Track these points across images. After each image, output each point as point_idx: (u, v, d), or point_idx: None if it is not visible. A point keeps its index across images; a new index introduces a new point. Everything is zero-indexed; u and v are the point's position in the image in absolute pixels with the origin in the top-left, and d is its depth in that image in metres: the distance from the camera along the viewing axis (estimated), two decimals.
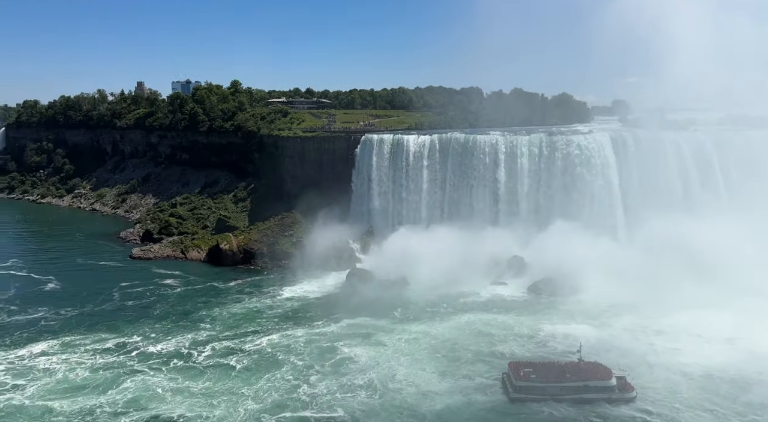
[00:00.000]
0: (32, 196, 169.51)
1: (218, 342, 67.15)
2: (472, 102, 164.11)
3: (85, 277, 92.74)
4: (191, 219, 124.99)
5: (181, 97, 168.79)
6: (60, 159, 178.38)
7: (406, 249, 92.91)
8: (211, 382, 57.57)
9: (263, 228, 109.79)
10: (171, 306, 79.42)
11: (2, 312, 75.28)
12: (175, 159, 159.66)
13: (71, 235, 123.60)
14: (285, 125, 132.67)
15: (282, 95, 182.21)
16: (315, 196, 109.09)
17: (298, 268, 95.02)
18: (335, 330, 71.21)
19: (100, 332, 69.24)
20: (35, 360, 61.47)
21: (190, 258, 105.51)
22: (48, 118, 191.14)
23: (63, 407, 52.30)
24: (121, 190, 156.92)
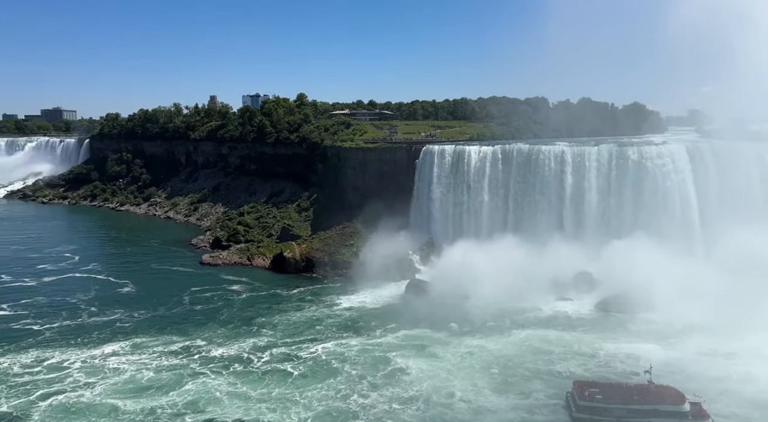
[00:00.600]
0: (112, 203, 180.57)
1: (277, 348, 68.51)
2: (538, 112, 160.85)
3: (159, 282, 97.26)
4: (257, 227, 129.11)
5: (251, 110, 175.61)
6: (138, 169, 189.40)
7: (467, 261, 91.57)
8: (268, 388, 58.72)
9: (325, 238, 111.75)
10: (236, 311, 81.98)
11: (83, 313, 80.00)
12: (244, 169, 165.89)
13: (147, 241, 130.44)
14: (347, 136, 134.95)
15: (345, 107, 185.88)
16: (376, 206, 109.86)
17: (358, 278, 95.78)
18: (391, 340, 71.06)
19: (168, 334, 72.31)
20: (107, 359, 64.76)
21: (256, 265, 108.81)
22: (128, 130, 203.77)
23: (127, 406, 54.72)
24: (193, 199, 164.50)
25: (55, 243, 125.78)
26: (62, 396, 55.85)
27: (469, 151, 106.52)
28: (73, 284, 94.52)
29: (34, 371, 61.07)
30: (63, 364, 63.03)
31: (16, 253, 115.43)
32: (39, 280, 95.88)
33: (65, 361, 63.71)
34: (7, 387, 57.23)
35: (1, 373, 60.03)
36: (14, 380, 58.66)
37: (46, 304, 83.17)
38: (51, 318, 76.86)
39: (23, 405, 53.95)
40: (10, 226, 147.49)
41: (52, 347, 67.70)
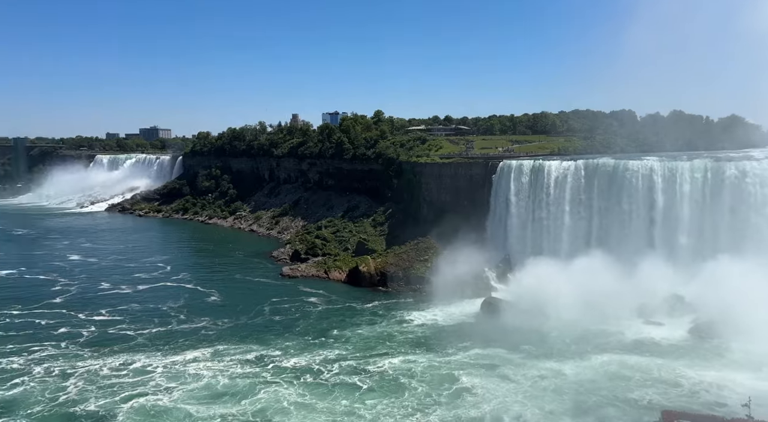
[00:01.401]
0: (201, 216, 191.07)
1: (347, 361, 68.83)
2: (624, 125, 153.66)
3: (242, 292, 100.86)
4: (334, 241, 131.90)
5: (330, 127, 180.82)
6: (225, 184, 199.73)
7: (546, 279, 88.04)
8: (336, 401, 58.98)
9: (399, 252, 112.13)
10: (311, 323, 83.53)
11: (173, 320, 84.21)
12: (322, 185, 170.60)
13: (232, 253, 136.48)
14: (423, 152, 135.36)
15: (421, 123, 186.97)
16: (451, 221, 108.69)
17: (432, 294, 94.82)
18: (460, 359, 69.55)
19: (248, 343, 74.60)
20: (187, 365, 67.43)
21: (332, 278, 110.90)
22: (217, 147, 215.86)
23: (200, 412, 56.49)
24: (275, 213, 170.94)
25: (149, 253, 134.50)
26: (143, 399, 58.71)
27: (549, 165, 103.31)
28: (164, 292, 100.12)
29: (121, 374, 64.80)
30: (147, 368, 66.42)
31: (115, 262, 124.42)
32: (134, 288, 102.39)
33: (149, 365, 67.12)
34: (97, 387, 61.08)
35: (93, 374, 64.18)
36: (103, 381, 62.50)
37: (140, 311, 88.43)
38: (143, 324, 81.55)
39: (108, 406, 57.29)
40: (110, 237, 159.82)
41: (140, 351, 71.70)
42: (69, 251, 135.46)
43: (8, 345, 72.49)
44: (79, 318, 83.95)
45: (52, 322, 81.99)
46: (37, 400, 57.91)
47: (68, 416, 55.42)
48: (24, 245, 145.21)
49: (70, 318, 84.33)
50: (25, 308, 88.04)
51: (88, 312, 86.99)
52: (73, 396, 59.01)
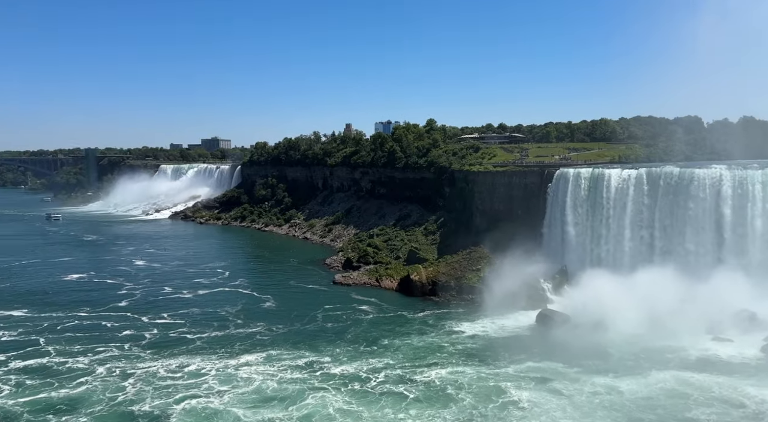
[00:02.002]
0: (258, 224, 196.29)
1: (395, 370, 68.41)
2: (690, 132, 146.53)
3: (296, 298, 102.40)
4: (385, 249, 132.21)
5: (382, 137, 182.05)
6: (281, 192, 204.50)
7: (606, 292, 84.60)
8: (382, 410, 58.62)
9: (451, 262, 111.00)
10: (362, 331, 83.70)
11: (230, 324, 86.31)
12: (374, 193, 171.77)
13: (286, 260, 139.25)
14: (476, 160, 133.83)
15: (474, 131, 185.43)
16: (504, 231, 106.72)
17: (484, 304, 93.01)
18: (510, 371, 67.86)
19: (300, 349, 75.47)
20: (239, 369, 68.75)
21: (384, 286, 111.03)
22: (273, 157, 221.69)
23: (247, 416, 57.36)
24: (328, 221, 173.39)
25: (209, 259, 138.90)
26: (195, 401, 60.18)
27: (609, 174, 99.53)
28: (222, 297, 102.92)
29: (176, 376, 66.78)
30: (202, 371, 68.20)
31: (177, 268, 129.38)
32: (195, 293, 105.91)
33: (204, 368, 68.89)
34: (153, 388, 63.17)
35: (150, 376, 66.49)
36: (159, 383, 64.58)
37: (200, 315, 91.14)
38: (202, 328, 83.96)
39: (162, 406, 59.13)
40: (173, 244, 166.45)
41: (197, 354, 73.79)
42: (134, 256, 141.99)
43: (76, 345, 76.43)
44: (143, 321, 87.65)
45: (117, 325, 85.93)
46: (98, 399, 60.57)
47: (125, 415, 57.60)
48: (93, 251, 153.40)
49: (134, 321, 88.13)
50: (93, 310, 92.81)
51: (151, 315, 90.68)
52: (130, 396, 61.39)
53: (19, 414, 56.72)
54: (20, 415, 56.59)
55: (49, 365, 69.63)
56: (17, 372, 67.22)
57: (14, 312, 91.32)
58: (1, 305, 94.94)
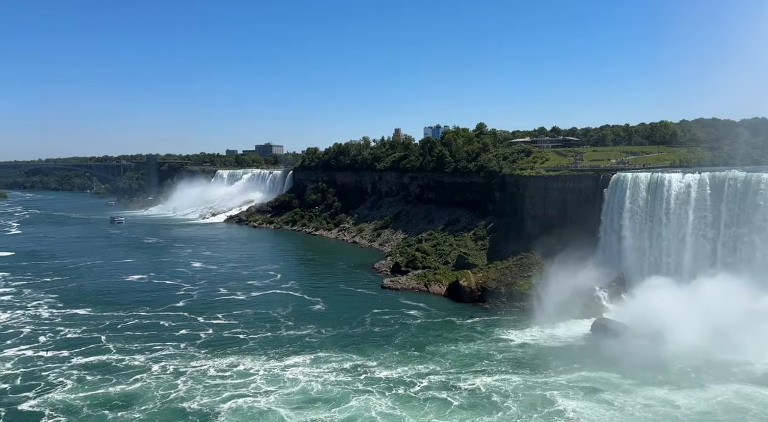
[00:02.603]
0: (309, 228, 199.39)
1: (441, 376, 67.64)
2: (757, 135, 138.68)
3: (345, 302, 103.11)
4: (434, 254, 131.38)
5: (431, 141, 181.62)
6: (331, 197, 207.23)
7: (666, 301, 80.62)
8: (425, 416, 58.09)
9: (501, 268, 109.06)
10: (410, 335, 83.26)
11: (281, 326, 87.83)
12: (423, 198, 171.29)
13: (336, 264, 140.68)
14: (527, 164, 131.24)
15: (526, 135, 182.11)
16: (556, 237, 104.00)
17: (536, 312, 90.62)
18: (560, 381, 65.82)
19: (348, 352, 75.83)
20: (287, 370, 69.77)
21: (432, 291, 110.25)
22: (324, 162, 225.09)
23: (291, 417, 58.11)
24: (376, 226, 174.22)
25: (261, 262, 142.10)
26: (242, 401, 61.41)
27: (669, 178, 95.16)
28: (274, 299, 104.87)
29: (225, 375, 68.40)
30: (250, 371, 69.59)
31: (231, 270, 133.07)
32: (248, 294, 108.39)
33: (252, 368, 70.28)
34: (203, 387, 64.95)
35: (201, 375, 68.36)
36: (209, 381, 66.33)
37: (252, 316, 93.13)
38: (255, 329, 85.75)
39: (211, 404, 60.65)
40: (227, 247, 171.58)
41: (248, 355, 75.32)
42: (192, 259, 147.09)
43: (134, 343, 79.65)
44: (199, 321, 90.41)
45: (175, 324, 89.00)
46: (152, 396, 62.75)
47: (176, 412, 59.41)
48: (153, 253, 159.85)
49: (191, 321, 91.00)
50: (152, 310, 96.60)
51: (206, 315, 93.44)
52: (181, 394, 63.30)
53: (79, 408, 59.55)
54: (80, 409, 59.39)
55: (108, 362, 72.89)
56: (79, 367, 70.70)
57: (79, 310, 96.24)
58: (68, 304, 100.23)
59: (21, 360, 72.66)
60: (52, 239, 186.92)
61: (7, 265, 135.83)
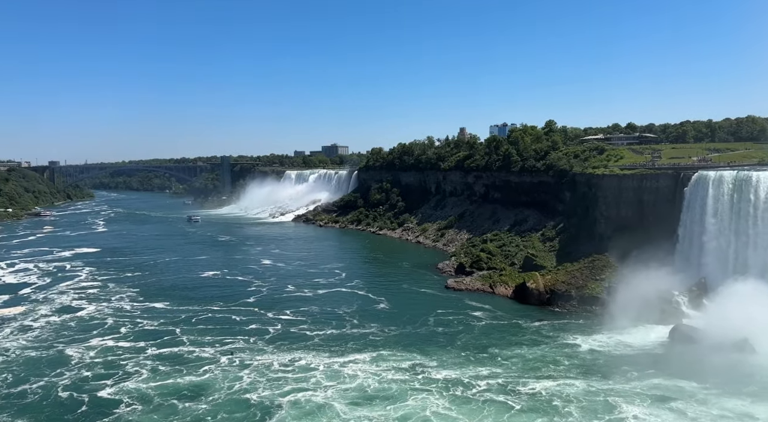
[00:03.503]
0: (373, 227, 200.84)
1: (502, 379, 66.23)
2: None
3: (409, 301, 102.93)
4: (500, 255, 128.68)
5: (497, 140, 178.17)
6: (395, 197, 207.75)
7: (754, 307, 74.82)
8: (480, 418, 56.99)
9: (571, 270, 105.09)
10: (473, 337, 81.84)
11: (347, 324, 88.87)
12: (488, 198, 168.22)
13: (399, 263, 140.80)
14: (600, 163, 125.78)
15: (599, 132, 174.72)
16: (631, 238, 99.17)
17: (608, 317, 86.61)
18: (627, 387, 63.03)
19: (410, 352, 75.55)
20: (346, 366, 70.40)
21: (497, 293, 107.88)
22: (388, 162, 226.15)
23: (345, 412, 58.68)
24: (440, 225, 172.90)
25: (327, 260, 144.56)
26: (301, 394, 62.72)
27: (757, 176, 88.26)
28: (339, 297, 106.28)
29: (287, 369, 69.95)
30: (311, 365, 70.90)
31: (299, 268, 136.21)
32: (314, 292, 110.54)
33: (313, 363, 71.59)
34: (266, 380, 66.75)
35: (265, 368, 70.21)
36: (272, 375, 68.07)
37: (319, 313, 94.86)
38: (321, 326, 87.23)
39: (272, 397, 62.26)
40: (295, 245, 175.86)
41: (312, 350, 76.69)
42: (262, 256, 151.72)
43: (207, 336, 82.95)
44: (268, 317, 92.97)
45: (245, 319, 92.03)
46: (219, 387, 65.09)
47: (238, 403, 61.29)
48: (226, 250, 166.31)
49: (261, 316, 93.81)
50: (224, 305, 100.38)
51: (275, 311, 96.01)
52: (245, 386, 65.29)
53: (151, 397, 62.59)
54: (152, 398, 62.42)
55: (180, 353, 76.29)
56: (154, 358, 74.47)
57: (157, 304, 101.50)
58: (148, 298, 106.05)
59: (103, 350, 77.48)
60: (134, 236, 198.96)
61: (93, 261, 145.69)
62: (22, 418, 57.32)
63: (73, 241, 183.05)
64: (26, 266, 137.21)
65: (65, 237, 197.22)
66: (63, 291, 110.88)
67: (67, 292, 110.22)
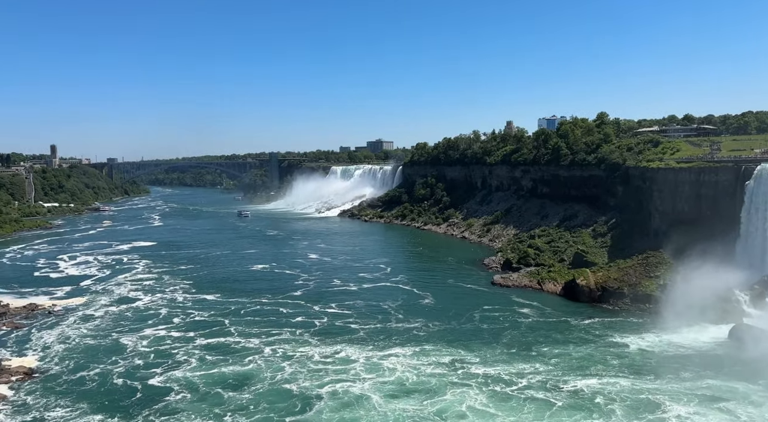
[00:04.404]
0: (417, 222, 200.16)
1: (542, 376, 64.96)
2: None
3: (454, 297, 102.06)
4: (548, 251, 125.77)
5: (546, 133, 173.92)
6: (440, 192, 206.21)
7: None
8: (517, 415, 56.19)
9: (624, 267, 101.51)
10: (519, 334, 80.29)
11: (391, 318, 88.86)
12: (536, 192, 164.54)
13: (444, 259, 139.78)
14: (655, 155, 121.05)
15: (653, 123, 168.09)
16: (688, 234, 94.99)
17: (663, 315, 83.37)
18: (676, 387, 60.92)
19: (453, 347, 74.85)
20: (386, 360, 70.44)
21: (546, 290, 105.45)
22: (433, 157, 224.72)
23: (380, 404, 58.93)
24: (486, 221, 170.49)
25: (372, 255, 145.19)
26: (339, 385, 63.29)
27: None
28: (384, 292, 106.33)
29: (327, 361, 70.66)
30: (351, 357, 71.34)
31: (344, 262, 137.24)
32: (359, 286, 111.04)
33: (353, 355, 72.03)
34: (307, 370, 67.78)
35: (306, 359, 71.21)
36: (312, 366, 69.03)
37: (364, 307, 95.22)
38: (366, 320, 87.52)
39: (311, 387, 63.24)
40: (340, 240, 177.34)
41: (355, 343, 76.98)
42: (308, 250, 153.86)
43: (254, 328, 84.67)
44: (314, 310, 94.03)
45: (292, 311, 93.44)
46: (262, 377, 66.29)
47: (279, 392, 62.35)
48: (274, 244, 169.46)
49: (307, 308, 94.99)
50: (273, 298, 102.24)
51: (321, 304, 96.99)
52: (286, 376, 66.41)
53: (198, 386, 64.38)
54: (198, 386, 64.23)
55: (227, 343, 78.18)
56: (202, 348, 76.55)
57: (208, 296, 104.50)
58: (199, 290, 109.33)
59: (155, 339, 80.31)
60: (187, 231, 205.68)
61: (149, 254, 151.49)
62: (83, 404, 60.09)
63: (130, 235, 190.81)
64: (87, 259, 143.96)
65: (123, 231, 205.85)
66: (121, 283, 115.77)
67: (125, 284, 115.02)
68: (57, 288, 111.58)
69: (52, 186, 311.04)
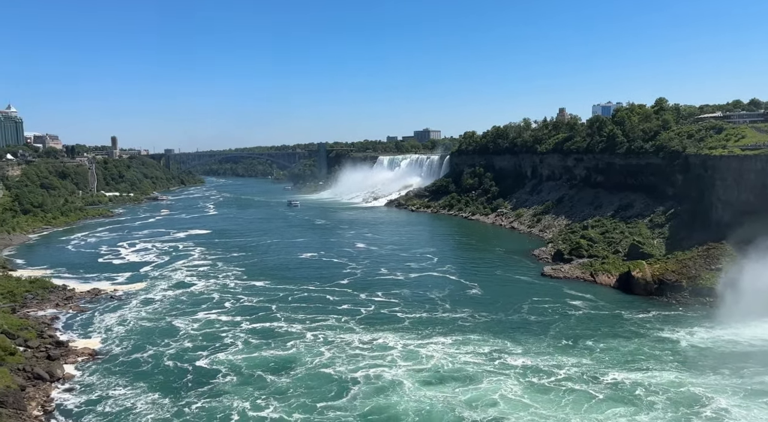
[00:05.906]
0: (465, 213, 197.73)
1: (587, 369, 63.27)
2: None
3: (502, 288, 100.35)
4: (602, 242, 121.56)
5: (601, 120, 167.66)
6: (488, 181, 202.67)
7: None
8: (551, 408, 54.82)
9: (683, 259, 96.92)
10: (567, 327, 78.00)
11: (438, 308, 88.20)
12: (589, 181, 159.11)
13: (492, 249, 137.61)
14: (718, 143, 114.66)
15: (716, 109, 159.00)
16: (754, 225, 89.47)
17: (726, 309, 79.43)
18: (725, 382, 58.80)
19: (498, 339, 73.59)
20: (425, 348, 70.16)
21: (599, 282, 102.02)
22: (481, 146, 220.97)
23: (411, 389, 59.25)
24: (536, 211, 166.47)
25: (419, 245, 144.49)
26: (373, 371, 63.79)
27: None
28: (431, 282, 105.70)
29: (365, 347, 71.19)
30: (389, 344, 71.65)
31: (391, 251, 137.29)
32: (406, 275, 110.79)
33: (391, 342, 72.34)
34: (346, 355, 68.58)
35: (346, 345, 71.88)
36: (351, 351, 69.75)
37: (410, 296, 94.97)
38: (412, 309, 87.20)
39: (348, 371, 63.96)
40: (387, 229, 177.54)
41: (400, 331, 76.96)
42: (356, 239, 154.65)
43: (300, 314, 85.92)
44: (360, 298, 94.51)
45: (338, 299, 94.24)
46: (302, 361, 67.44)
47: (316, 376, 63.25)
48: (322, 233, 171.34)
49: (354, 296, 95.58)
50: (320, 285, 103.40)
51: (368, 293, 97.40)
52: (324, 360, 67.44)
53: (240, 368, 66.10)
54: (241, 368, 65.95)
55: (271, 328, 79.78)
56: (248, 332, 78.44)
57: (257, 282, 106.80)
58: (250, 277, 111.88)
59: (206, 323, 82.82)
60: (240, 219, 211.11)
61: (204, 242, 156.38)
62: (140, 383, 62.75)
63: (186, 223, 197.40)
64: (146, 246, 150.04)
65: (180, 219, 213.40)
66: (177, 269, 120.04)
67: (181, 269, 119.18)
68: (118, 273, 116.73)
69: (113, 176, 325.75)
